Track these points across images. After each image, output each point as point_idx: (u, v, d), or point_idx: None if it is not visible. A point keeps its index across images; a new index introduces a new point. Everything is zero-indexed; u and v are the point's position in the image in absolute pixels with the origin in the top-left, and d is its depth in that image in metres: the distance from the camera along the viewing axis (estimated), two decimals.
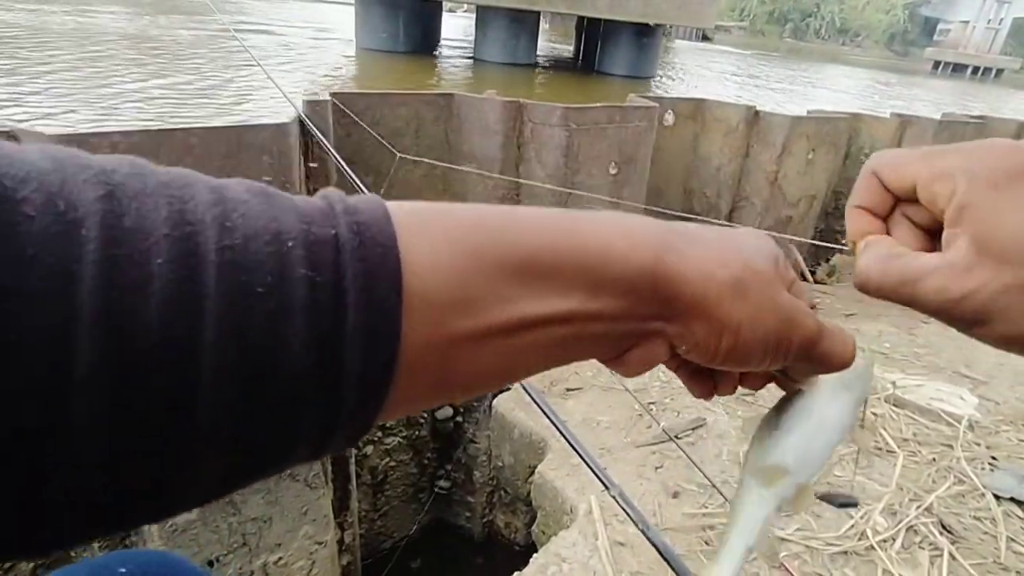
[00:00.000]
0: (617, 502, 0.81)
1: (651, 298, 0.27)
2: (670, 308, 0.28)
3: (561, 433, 0.82)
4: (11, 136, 1.36)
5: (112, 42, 10.01)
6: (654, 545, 0.77)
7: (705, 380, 0.35)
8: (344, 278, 0.21)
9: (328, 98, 1.69)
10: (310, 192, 1.08)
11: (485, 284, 0.24)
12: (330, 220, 0.22)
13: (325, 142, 1.46)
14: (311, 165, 1.69)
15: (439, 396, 0.26)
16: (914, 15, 56.11)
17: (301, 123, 1.63)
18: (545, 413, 0.83)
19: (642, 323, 0.28)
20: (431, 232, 0.24)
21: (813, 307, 0.34)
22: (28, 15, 11.32)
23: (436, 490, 2.58)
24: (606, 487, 0.82)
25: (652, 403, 1.53)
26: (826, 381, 0.36)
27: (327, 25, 16.82)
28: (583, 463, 0.87)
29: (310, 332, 0.20)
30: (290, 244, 0.21)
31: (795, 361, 0.32)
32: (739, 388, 0.36)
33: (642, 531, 0.78)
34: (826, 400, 0.36)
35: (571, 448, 0.89)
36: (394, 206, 0.24)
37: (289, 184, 1.60)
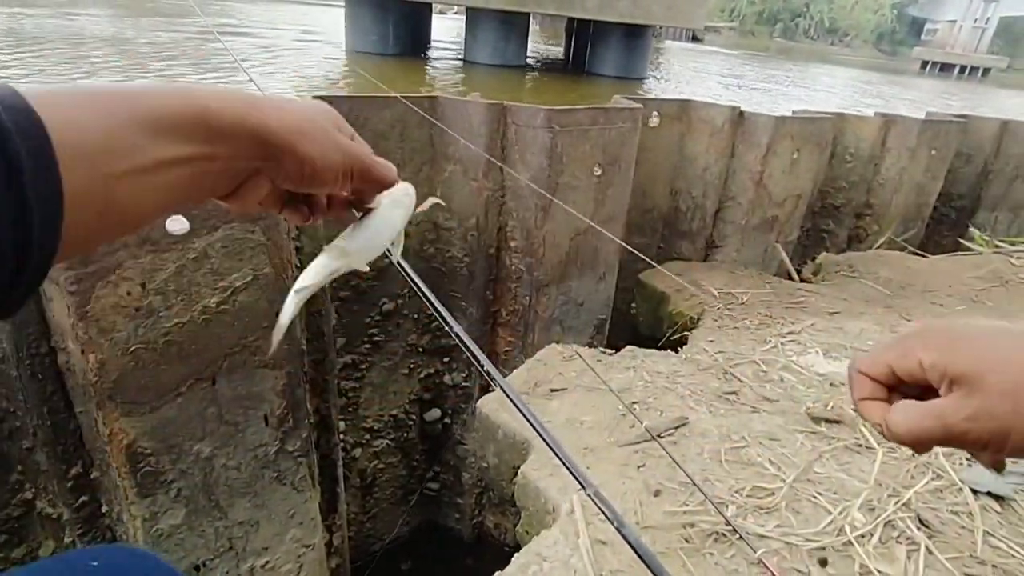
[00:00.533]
0: (593, 501, 0.81)
1: (249, 143, 0.40)
2: (264, 150, 0.40)
3: (537, 432, 0.83)
4: None
5: (92, 45, 9.95)
6: (628, 543, 0.78)
7: (300, 208, 0.52)
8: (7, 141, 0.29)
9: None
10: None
11: (124, 135, 0.33)
12: None
13: None
14: None
15: (109, 226, 0.35)
16: (902, 15, 56.52)
17: None
18: (521, 411, 0.84)
19: (247, 162, 0.41)
20: (71, 100, 0.32)
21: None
22: (4, 19, 11.23)
23: (425, 492, 2.58)
24: (582, 486, 0.82)
25: (635, 403, 1.54)
26: (386, 197, 0.56)
27: (314, 27, 16.75)
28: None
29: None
30: None
31: (359, 183, 0.50)
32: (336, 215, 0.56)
33: (617, 529, 0.79)
34: (384, 211, 0.57)
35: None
36: (26, 87, 0.32)
37: None
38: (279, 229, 1.61)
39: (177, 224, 1.50)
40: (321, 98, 1.82)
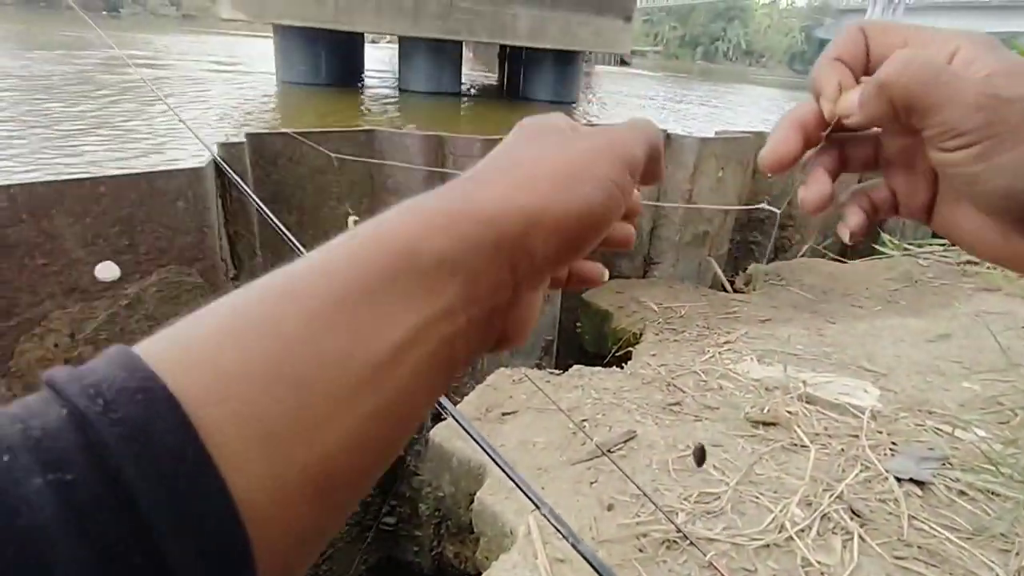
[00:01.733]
0: (547, 519, 0.84)
1: (477, 264, 0.24)
2: (503, 255, 0.25)
3: (489, 456, 0.85)
4: None
5: None
6: (584, 558, 0.81)
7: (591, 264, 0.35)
8: (110, 457, 0.15)
9: (243, 140, 1.69)
10: (231, 237, 1.11)
11: (309, 399, 0.19)
12: (59, 400, 0.16)
13: (243, 185, 1.46)
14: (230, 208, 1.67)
15: (332, 508, 0.20)
16: (810, 37, 60.59)
17: (217, 166, 1.61)
18: (471, 436, 0.86)
19: (491, 294, 0.25)
20: (204, 357, 0.18)
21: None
22: None
23: (382, 527, 2.53)
24: (536, 506, 0.85)
25: (585, 420, 1.58)
26: None
27: (241, 58, 16.46)
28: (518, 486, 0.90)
29: (90, 550, 0.14)
30: (4, 458, 0.15)
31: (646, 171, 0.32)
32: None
33: (572, 545, 0.81)
34: None
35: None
36: (142, 345, 0.19)
37: (208, 228, 1.58)
38: (216, 271, 1.58)
39: (107, 271, 1.45)
40: (251, 135, 1.81)
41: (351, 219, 1.87)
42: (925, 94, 0.29)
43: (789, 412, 1.63)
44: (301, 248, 1.34)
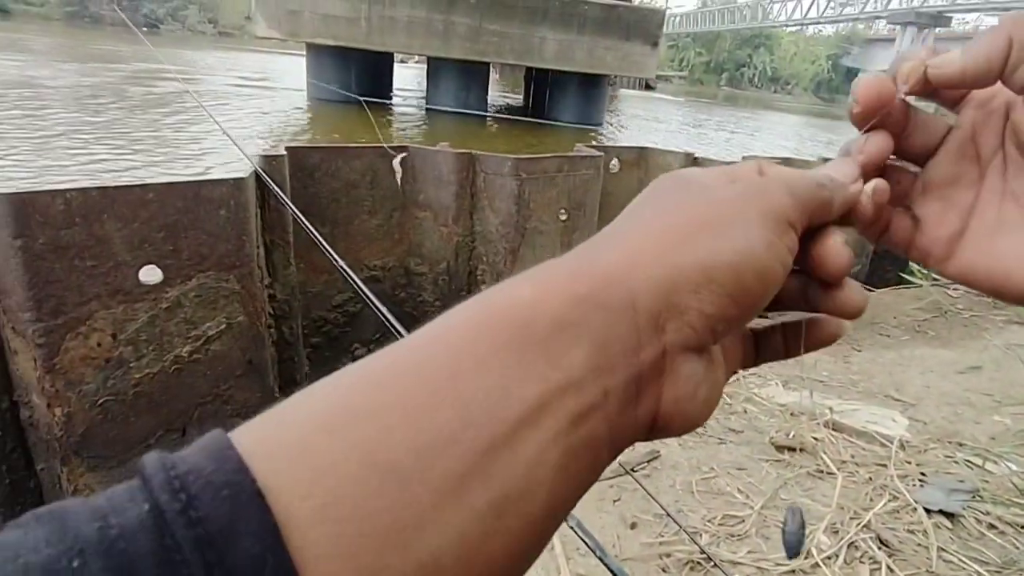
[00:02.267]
0: (575, 532, 0.85)
1: (608, 332, 0.20)
2: (641, 315, 0.21)
3: None
4: None
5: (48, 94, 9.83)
6: (611, 571, 0.81)
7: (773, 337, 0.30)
8: (183, 564, 0.14)
9: (284, 152, 1.74)
10: (267, 245, 1.16)
11: (406, 491, 0.17)
12: (143, 493, 0.16)
13: (283, 196, 1.51)
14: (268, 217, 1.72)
15: None
16: (837, 65, 60.43)
17: (258, 177, 1.67)
18: None
19: (629, 360, 0.21)
20: (295, 446, 0.17)
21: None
22: None
23: None
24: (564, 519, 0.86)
25: None
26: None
27: (262, 74, 16.91)
28: None
29: None
30: (74, 563, 0.14)
31: (812, 223, 0.27)
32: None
33: (600, 559, 0.82)
34: None
35: None
36: (240, 430, 0.18)
37: (246, 236, 1.63)
38: (252, 277, 1.62)
39: (150, 274, 1.50)
40: (291, 148, 1.87)
41: (396, 160, 1.90)
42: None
43: (815, 438, 1.61)
44: (335, 257, 1.38)
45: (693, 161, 2.90)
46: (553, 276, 0.22)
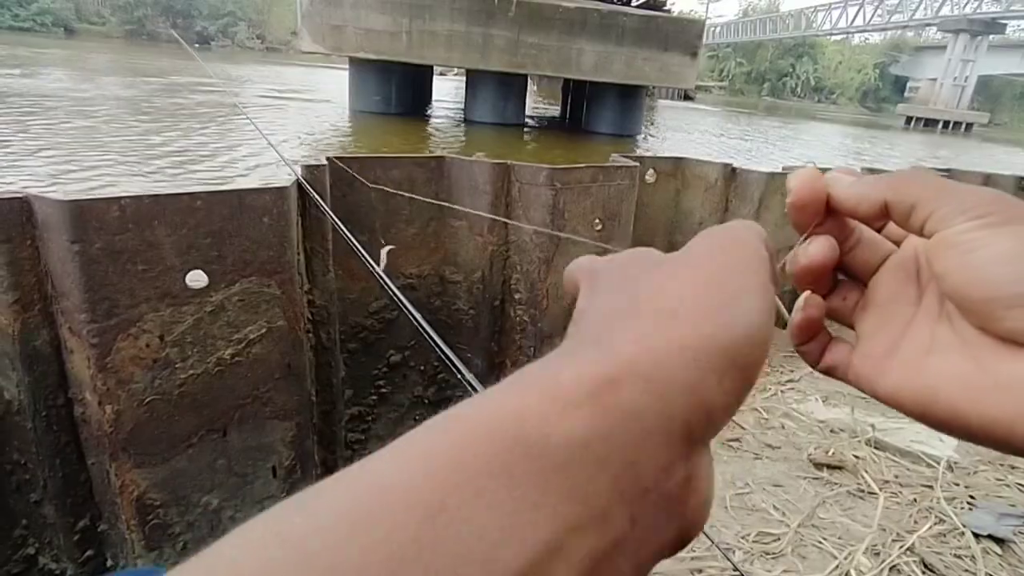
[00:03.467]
0: None
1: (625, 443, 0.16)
2: (676, 423, 0.17)
3: None
4: (24, 202, 1.43)
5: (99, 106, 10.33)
6: None
7: None
8: None
9: (325, 162, 1.79)
10: (307, 252, 1.19)
11: None
12: None
13: (323, 205, 1.55)
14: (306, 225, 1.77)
15: None
16: (884, 74, 58.81)
17: (300, 186, 1.72)
18: None
19: (662, 481, 0.17)
20: None
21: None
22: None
23: None
24: None
25: None
26: None
27: (308, 87, 17.38)
28: None
29: None
30: None
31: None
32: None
33: None
34: None
35: None
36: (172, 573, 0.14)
37: (288, 243, 1.68)
38: (293, 283, 1.67)
39: (196, 279, 1.56)
40: (332, 158, 1.92)
41: (384, 251, 1.90)
42: (931, 183, 0.27)
43: (856, 456, 1.56)
44: (373, 264, 1.41)
45: (731, 172, 2.86)
46: (569, 378, 0.17)
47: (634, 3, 16.99)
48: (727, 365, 0.19)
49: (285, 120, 11.30)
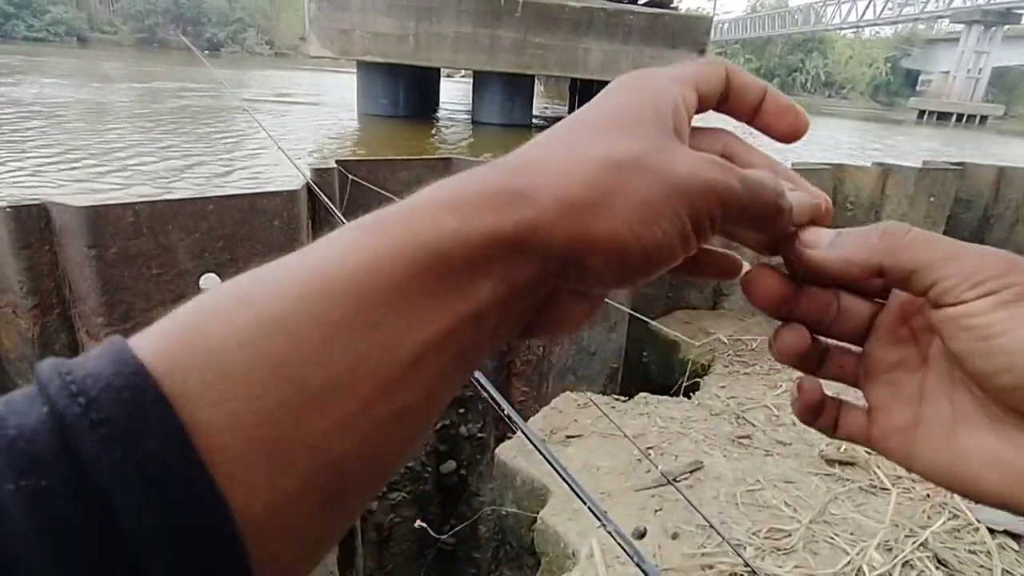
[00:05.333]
0: (613, 537, 0.85)
1: (514, 269, 0.21)
2: (544, 266, 0.22)
3: (556, 470, 0.87)
4: (42, 209, 1.46)
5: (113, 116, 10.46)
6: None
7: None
8: (88, 462, 0.14)
9: (334, 165, 1.81)
10: None
11: (319, 404, 0.17)
12: (41, 398, 0.15)
13: (332, 207, 1.57)
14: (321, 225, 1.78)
15: (337, 517, 0.19)
16: (896, 67, 58.22)
17: (309, 189, 1.74)
18: (539, 451, 0.88)
19: (529, 294, 0.22)
20: (203, 352, 0.17)
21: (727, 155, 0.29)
22: None
23: (442, 546, 2.56)
24: (602, 523, 0.86)
25: (650, 448, 1.57)
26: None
27: (320, 91, 17.50)
28: (584, 507, 0.91)
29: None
30: None
31: (731, 227, 0.26)
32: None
33: (637, 564, 0.82)
34: None
35: (572, 492, 0.94)
36: (140, 336, 0.17)
37: (299, 245, 1.70)
38: None
39: (209, 282, 1.59)
40: (341, 161, 1.94)
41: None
42: (932, 246, 0.25)
43: (868, 452, 1.56)
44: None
45: None
46: (479, 209, 0.21)
47: (641, 1, 16.93)
48: (618, 260, 0.23)
49: (295, 124, 11.38)
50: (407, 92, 12.51)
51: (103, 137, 8.50)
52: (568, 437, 1.64)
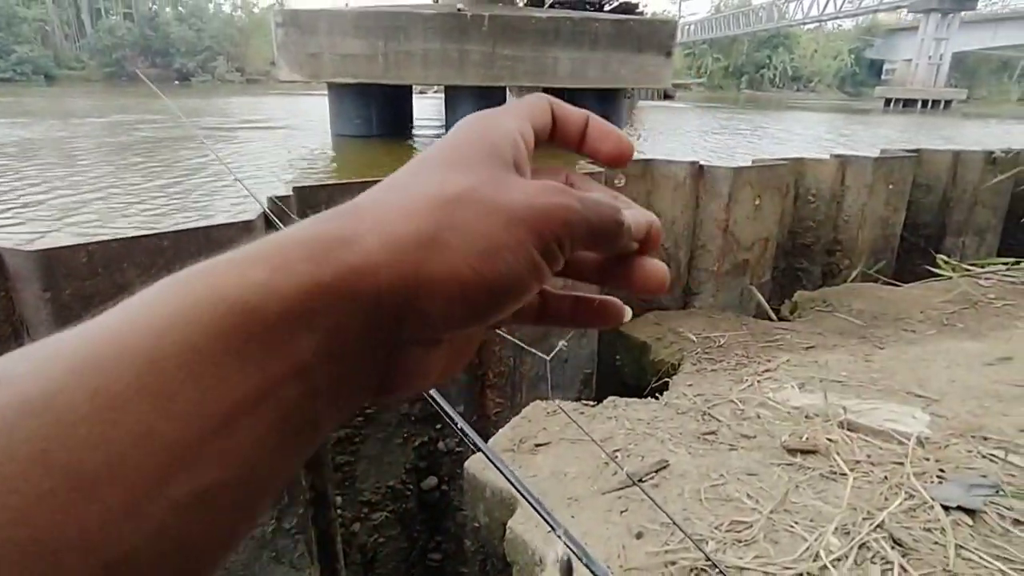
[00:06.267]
0: (562, 540, 0.87)
1: (342, 317, 0.20)
2: (374, 316, 0.21)
3: (508, 481, 0.89)
4: None
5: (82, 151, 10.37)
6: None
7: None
8: None
9: (291, 193, 1.83)
10: None
11: (92, 492, 0.15)
12: None
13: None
14: None
15: None
16: (860, 58, 59.36)
17: (266, 217, 1.75)
18: (493, 464, 0.90)
19: (365, 344, 0.21)
20: None
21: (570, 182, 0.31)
22: None
23: (428, 563, 2.56)
24: (552, 528, 0.88)
25: (617, 451, 1.60)
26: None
27: (292, 115, 17.48)
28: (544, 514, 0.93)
29: None
30: None
31: (579, 250, 0.26)
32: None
33: (586, 565, 0.84)
34: None
35: (531, 501, 0.96)
36: None
37: None
38: None
39: None
40: (297, 188, 1.96)
41: None
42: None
43: (829, 440, 1.59)
44: None
45: (699, 170, 2.91)
46: (292, 259, 0.20)
47: (607, 7, 17.15)
48: (458, 299, 0.22)
49: (263, 149, 11.36)
50: (380, 111, 12.56)
51: (73, 172, 8.43)
52: (537, 446, 1.66)
